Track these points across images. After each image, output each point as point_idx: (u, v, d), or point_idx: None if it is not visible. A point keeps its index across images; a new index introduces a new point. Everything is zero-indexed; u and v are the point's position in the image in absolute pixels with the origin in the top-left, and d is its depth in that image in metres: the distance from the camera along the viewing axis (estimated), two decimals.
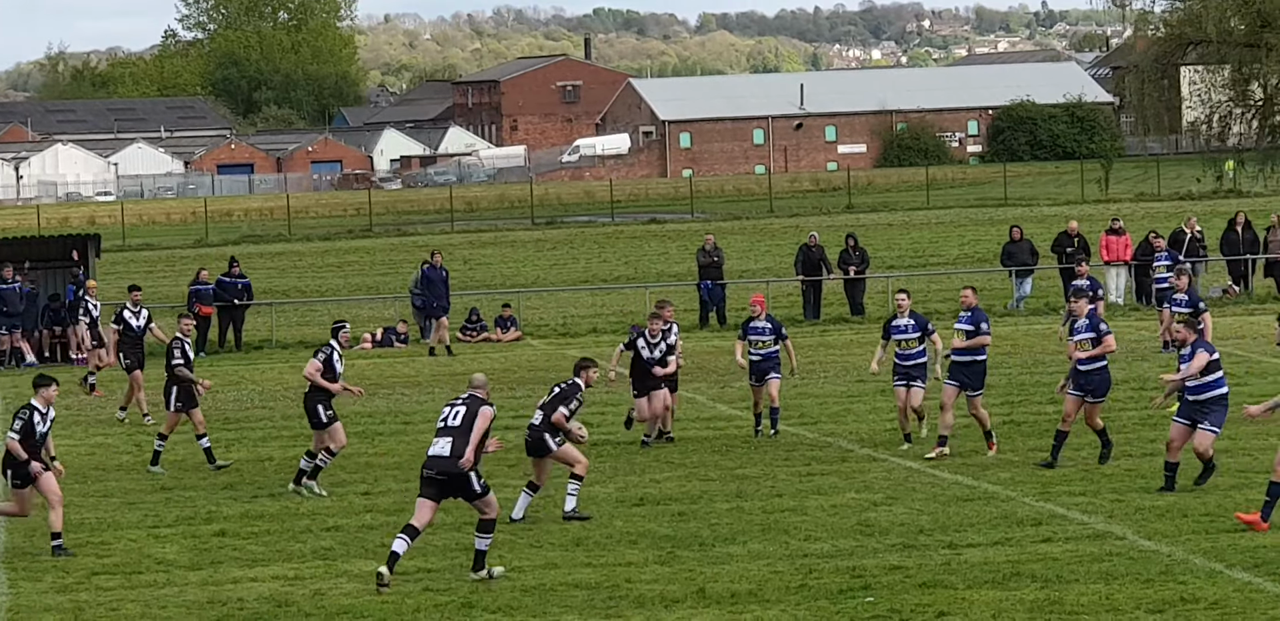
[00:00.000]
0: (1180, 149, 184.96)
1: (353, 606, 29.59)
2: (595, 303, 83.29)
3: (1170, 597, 28.25)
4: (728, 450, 43.62)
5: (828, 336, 67.81)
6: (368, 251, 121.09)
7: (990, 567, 30.68)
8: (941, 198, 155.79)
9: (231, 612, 29.02)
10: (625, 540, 33.71)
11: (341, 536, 34.68)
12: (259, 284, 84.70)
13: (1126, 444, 41.51)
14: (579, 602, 29.23)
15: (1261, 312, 71.50)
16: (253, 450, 46.69)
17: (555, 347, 68.50)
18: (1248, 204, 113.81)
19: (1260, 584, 29.18)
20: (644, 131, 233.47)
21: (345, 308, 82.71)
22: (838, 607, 28.49)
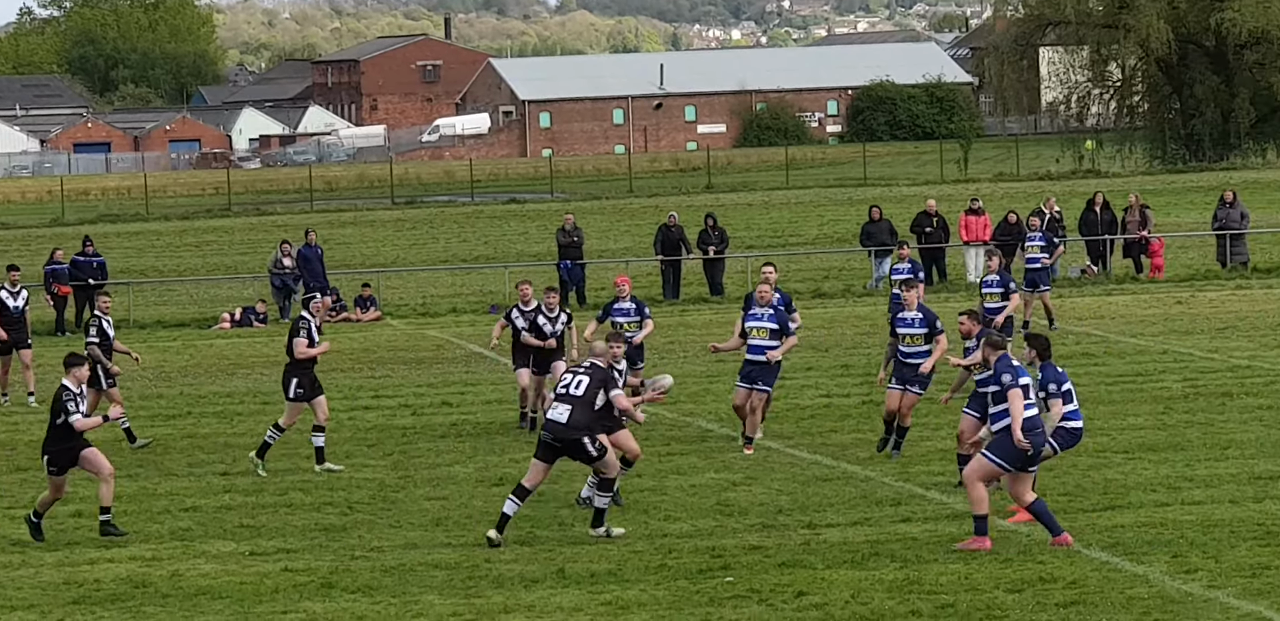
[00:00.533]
0: (1039, 129, 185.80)
1: (211, 586, 29.45)
2: (455, 282, 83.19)
3: (1029, 577, 28.38)
4: None
5: (687, 316, 67.93)
6: (226, 231, 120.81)
7: (849, 547, 30.77)
8: (801, 178, 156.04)
9: (88, 593, 28.80)
10: (485, 520, 33.56)
11: (199, 517, 34.54)
12: (116, 263, 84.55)
13: None
14: (439, 582, 29.19)
15: (1119, 293, 71.92)
16: (109, 430, 46.45)
17: (415, 327, 68.47)
18: (1106, 184, 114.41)
19: (1117, 563, 29.33)
20: (504, 111, 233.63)
21: (203, 287, 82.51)
22: (697, 587, 28.52)
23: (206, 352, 57.01)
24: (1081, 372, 44.03)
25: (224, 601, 28.91)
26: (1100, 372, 50.06)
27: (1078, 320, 61.86)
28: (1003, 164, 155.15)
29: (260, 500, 35.01)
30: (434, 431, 42.05)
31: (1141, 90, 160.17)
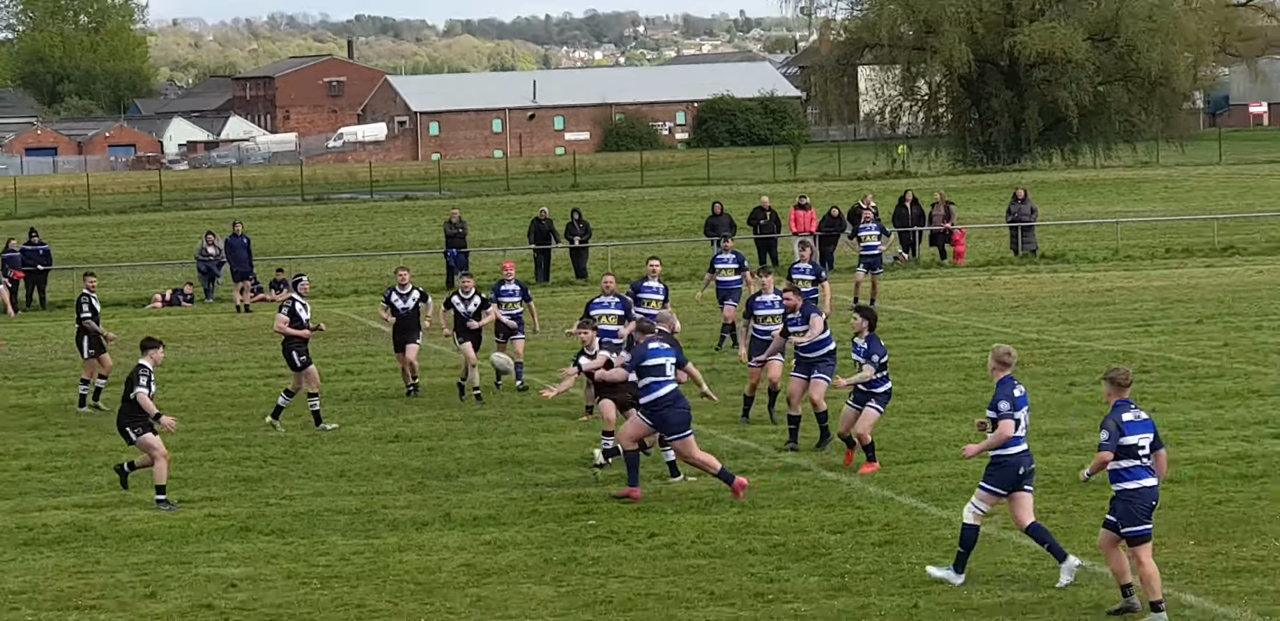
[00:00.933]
0: (858, 136, 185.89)
1: (144, 530, 29.40)
2: (356, 267, 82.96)
3: (849, 520, 28.45)
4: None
5: (556, 297, 67.69)
6: (158, 223, 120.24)
7: (694, 495, 30.80)
8: (654, 178, 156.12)
9: (37, 536, 28.77)
10: (381, 472, 33.67)
11: (136, 472, 34.38)
12: (62, 251, 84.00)
13: None
14: (342, 525, 29.19)
15: (927, 276, 72.04)
16: (56, 395, 46.23)
17: (322, 306, 68.06)
18: (915, 183, 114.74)
19: (926, 508, 29.45)
20: (399, 121, 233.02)
21: (138, 272, 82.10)
22: (564, 529, 28.55)
23: (140, 327, 56.53)
24: (895, 344, 43.97)
25: (155, 542, 28.80)
26: (911, 344, 50.17)
27: (891, 300, 61.97)
28: (826, 166, 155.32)
29: (187, 455, 34.84)
30: (338, 396, 41.93)
31: (945, 103, 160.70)
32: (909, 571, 25.57)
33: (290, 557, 27.59)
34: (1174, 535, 27.16)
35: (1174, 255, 76.08)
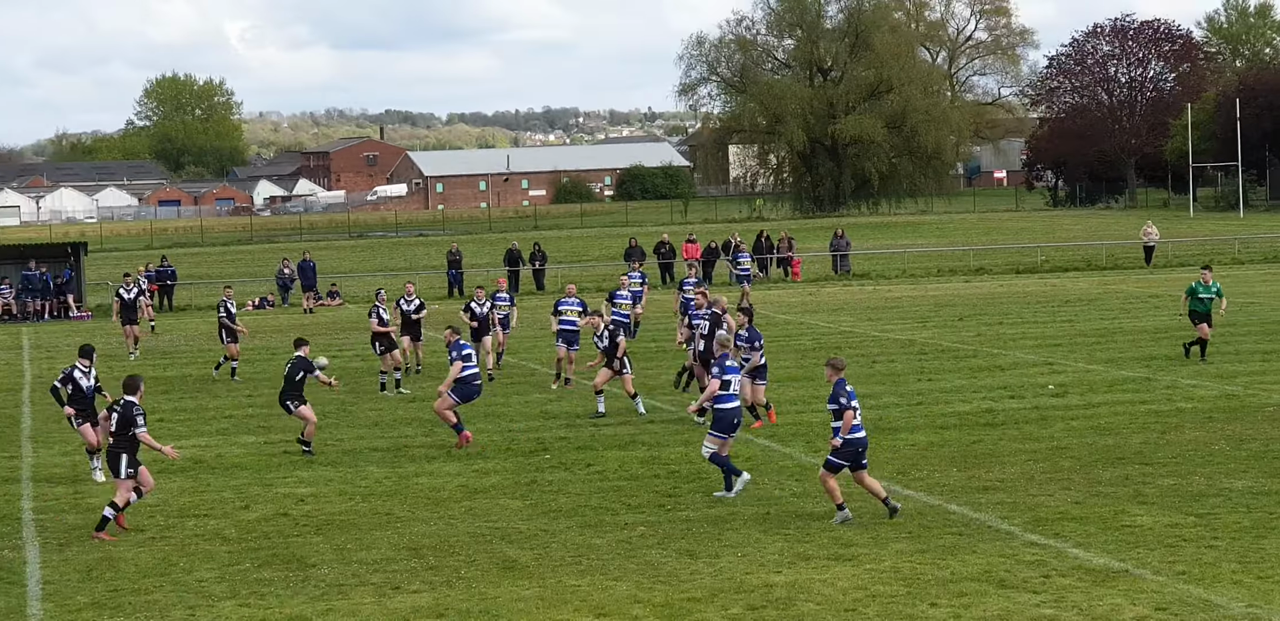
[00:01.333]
0: (728, 193, 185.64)
1: (239, 462, 29.38)
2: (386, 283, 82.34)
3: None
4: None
5: (522, 303, 67.44)
6: (249, 252, 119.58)
7: (618, 438, 30.75)
8: (590, 221, 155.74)
9: (166, 467, 28.20)
10: (403, 422, 33.39)
11: (234, 422, 34.04)
12: (184, 271, 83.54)
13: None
14: (376, 459, 29.04)
15: (776, 289, 72.01)
16: (180, 370, 45.79)
17: (363, 309, 67.77)
18: (767, 225, 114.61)
19: (775, 447, 29.44)
20: (415, 182, 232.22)
21: (237, 285, 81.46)
22: (529, 461, 28.49)
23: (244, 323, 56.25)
24: None
25: (248, 471, 28.69)
26: (765, 335, 50.08)
27: (752, 303, 61.83)
28: (707, 213, 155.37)
29: (271, 410, 34.66)
30: (375, 368, 41.67)
31: (788, 170, 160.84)
32: (764, 490, 25.63)
33: (341, 481, 27.53)
34: (943, 464, 27.32)
35: (943, 274, 76.23)
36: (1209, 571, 19.81)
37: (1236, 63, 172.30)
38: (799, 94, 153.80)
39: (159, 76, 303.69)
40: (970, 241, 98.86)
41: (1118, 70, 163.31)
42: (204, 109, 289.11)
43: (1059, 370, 38.88)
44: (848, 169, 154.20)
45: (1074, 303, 58.59)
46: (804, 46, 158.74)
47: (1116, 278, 71.02)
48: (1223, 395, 33.92)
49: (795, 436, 30.45)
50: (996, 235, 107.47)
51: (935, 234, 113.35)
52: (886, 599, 19.09)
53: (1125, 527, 22.27)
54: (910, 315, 56.07)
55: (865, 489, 23.47)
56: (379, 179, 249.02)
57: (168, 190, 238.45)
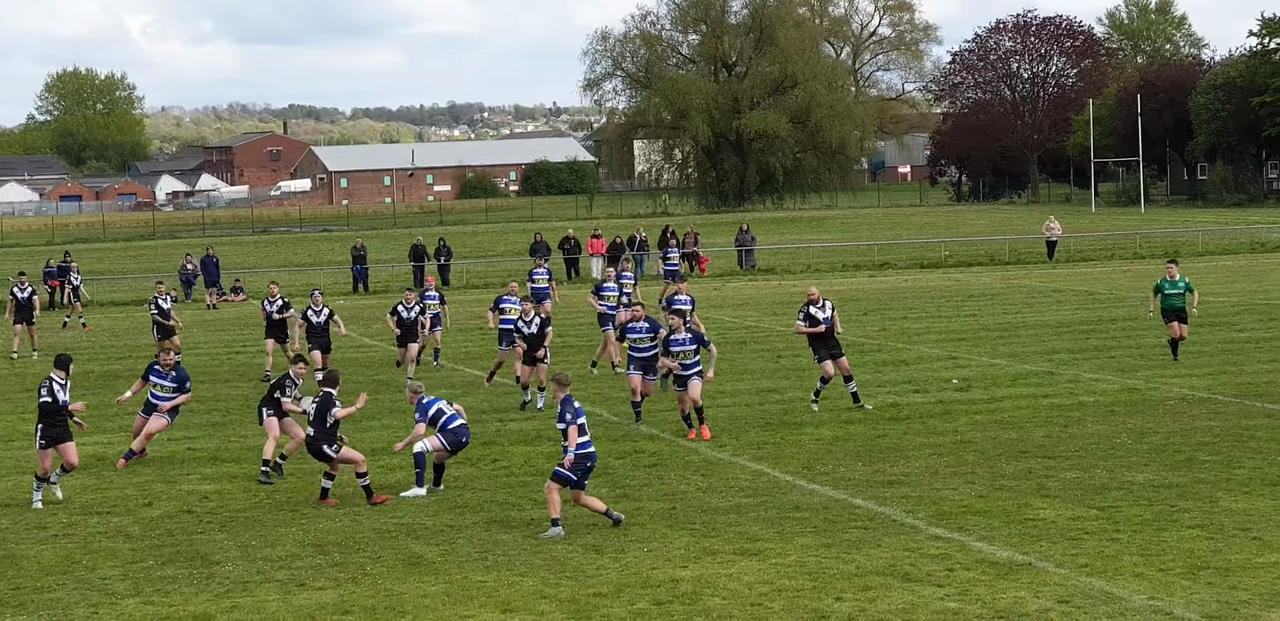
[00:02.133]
0: (634, 188, 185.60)
1: (142, 460, 29.13)
2: (291, 278, 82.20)
3: (628, 449, 28.50)
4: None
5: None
6: (152, 248, 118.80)
7: (523, 434, 30.61)
8: (495, 217, 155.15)
9: None
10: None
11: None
12: (86, 266, 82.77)
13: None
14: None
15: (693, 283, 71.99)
16: (82, 366, 45.46)
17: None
18: (673, 220, 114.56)
19: (680, 441, 29.50)
20: (319, 177, 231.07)
21: (138, 281, 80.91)
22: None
23: (143, 320, 55.77)
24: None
25: (151, 468, 28.35)
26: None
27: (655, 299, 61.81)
28: (612, 209, 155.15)
29: None
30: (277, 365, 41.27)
31: (693, 165, 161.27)
32: (669, 485, 25.68)
33: (245, 478, 27.38)
34: (847, 459, 27.45)
35: (848, 269, 76.56)
36: (1111, 564, 19.99)
37: (1138, 59, 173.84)
38: (703, 89, 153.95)
39: (60, 71, 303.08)
40: (874, 236, 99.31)
41: (1020, 66, 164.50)
42: (106, 103, 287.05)
43: (962, 364, 39.11)
44: (752, 164, 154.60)
45: (977, 297, 58.94)
46: (708, 42, 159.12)
47: (1019, 272, 71.46)
48: (1124, 389, 34.22)
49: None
50: (900, 230, 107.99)
51: (840, 229, 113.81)
52: (792, 593, 19.17)
53: (1028, 521, 22.43)
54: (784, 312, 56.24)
55: (586, 508, 23.02)
56: (283, 174, 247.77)
57: (69, 185, 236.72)
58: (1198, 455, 26.61)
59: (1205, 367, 36.93)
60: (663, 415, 32.06)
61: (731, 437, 29.77)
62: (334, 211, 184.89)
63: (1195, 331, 42.25)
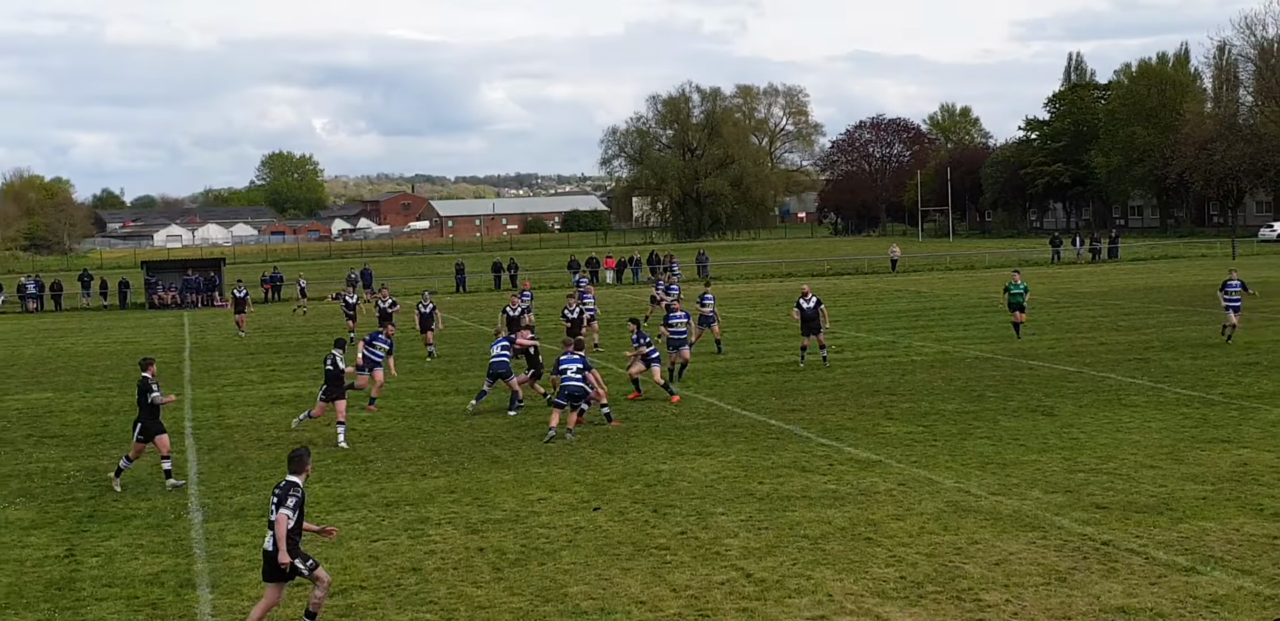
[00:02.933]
0: (635, 228, 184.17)
1: None
2: (417, 283, 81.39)
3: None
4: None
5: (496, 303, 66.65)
6: (330, 264, 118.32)
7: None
8: (545, 244, 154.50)
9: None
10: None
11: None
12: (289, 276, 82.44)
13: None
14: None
15: None
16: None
17: (404, 300, 66.93)
18: (657, 246, 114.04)
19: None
20: (434, 220, 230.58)
21: (323, 284, 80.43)
22: (509, 392, 28.17)
23: (330, 308, 55.14)
24: (620, 324, 43.02)
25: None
26: (658, 314, 49.55)
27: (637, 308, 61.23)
28: (619, 240, 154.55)
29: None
30: (410, 339, 40.92)
31: (670, 213, 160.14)
32: (654, 412, 25.55)
33: (387, 408, 27.02)
34: (766, 395, 27.14)
35: (766, 276, 76.03)
36: (931, 461, 19.99)
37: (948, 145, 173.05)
38: (675, 165, 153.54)
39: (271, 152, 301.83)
40: (782, 256, 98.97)
41: (874, 149, 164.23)
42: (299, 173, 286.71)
43: (839, 336, 38.93)
44: (707, 211, 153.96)
45: (848, 294, 58.68)
46: (679, 134, 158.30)
47: (874, 279, 71.27)
48: (939, 352, 34.16)
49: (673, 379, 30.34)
50: (799, 253, 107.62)
51: (761, 252, 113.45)
52: (732, 479, 19.17)
53: (880, 434, 22.42)
54: (745, 303, 56.06)
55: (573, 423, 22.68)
56: (411, 218, 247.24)
57: (276, 225, 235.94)
58: (986, 393, 26.58)
59: (989, 339, 36.86)
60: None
61: (694, 382, 29.71)
62: (444, 241, 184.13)
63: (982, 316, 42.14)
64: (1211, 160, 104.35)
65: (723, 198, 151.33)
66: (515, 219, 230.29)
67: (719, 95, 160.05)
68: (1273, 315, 40.21)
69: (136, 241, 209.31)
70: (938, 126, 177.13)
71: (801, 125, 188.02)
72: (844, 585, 13.77)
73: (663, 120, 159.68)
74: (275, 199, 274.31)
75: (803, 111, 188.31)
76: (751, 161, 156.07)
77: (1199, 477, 18.12)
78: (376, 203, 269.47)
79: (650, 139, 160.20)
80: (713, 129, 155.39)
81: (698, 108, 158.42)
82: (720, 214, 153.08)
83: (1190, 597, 12.98)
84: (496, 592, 13.98)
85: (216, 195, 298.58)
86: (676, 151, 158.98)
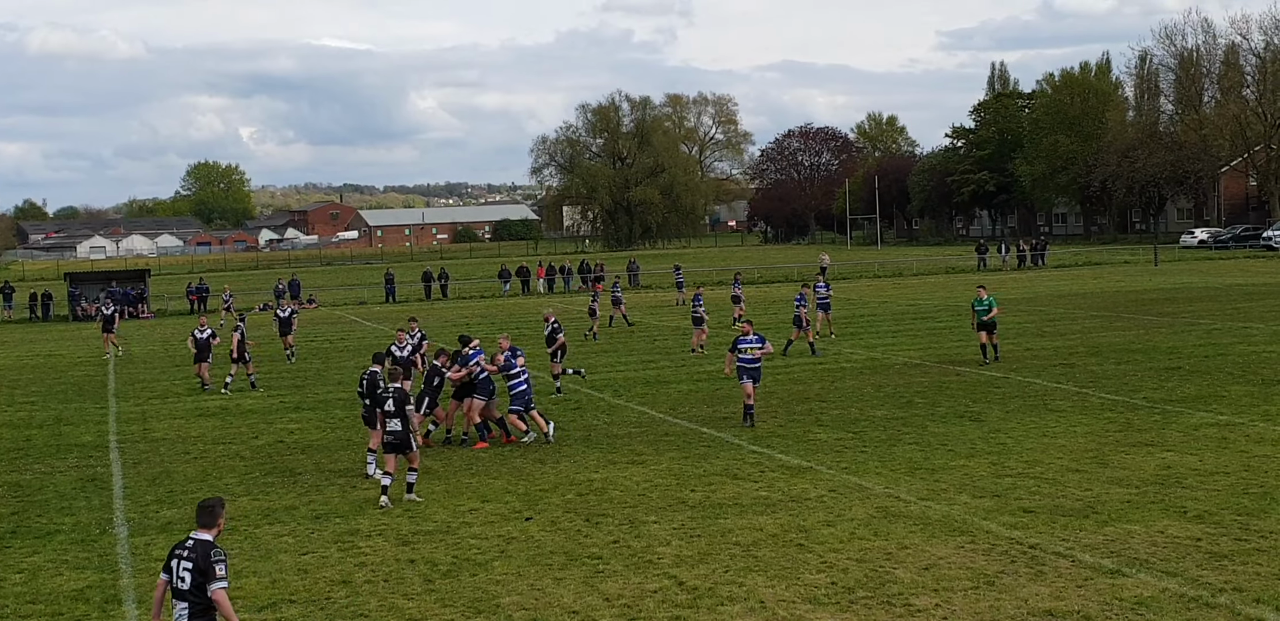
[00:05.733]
0: (564, 237, 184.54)
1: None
2: (346, 294, 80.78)
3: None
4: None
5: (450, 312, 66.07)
6: (257, 275, 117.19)
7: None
8: (476, 254, 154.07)
9: None
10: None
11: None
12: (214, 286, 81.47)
13: None
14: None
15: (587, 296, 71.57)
16: None
17: (329, 311, 66.45)
18: (588, 255, 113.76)
19: (594, 393, 29.31)
20: (363, 229, 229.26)
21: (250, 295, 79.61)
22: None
23: (261, 319, 54.34)
24: (538, 325, 42.92)
25: (257, 414, 27.90)
26: (563, 325, 49.48)
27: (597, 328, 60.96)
28: (550, 249, 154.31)
29: (282, 375, 33.64)
30: (338, 348, 40.60)
31: (600, 221, 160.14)
32: (586, 421, 25.50)
33: (318, 420, 26.88)
34: (698, 403, 27.17)
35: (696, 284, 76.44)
36: (861, 467, 20.10)
37: (876, 153, 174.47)
38: (606, 174, 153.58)
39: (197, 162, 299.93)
40: (713, 265, 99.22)
41: (803, 158, 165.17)
42: (226, 183, 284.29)
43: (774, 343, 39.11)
44: (637, 220, 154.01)
45: (777, 302, 58.94)
46: (609, 143, 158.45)
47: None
48: (868, 358, 34.39)
49: (606, 387, 30.33)
50: (730, 260, 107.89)
51: (692, 260, 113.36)
52: (664, 487, 19.17)
53: (810, 441, 22.51)
54: (677, 312, 56.22)
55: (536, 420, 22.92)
56: (339, 228, 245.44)
57: (202, 236, 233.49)
58: (915, 399, 26.77)
59: (917, 345, 37.17)
60: (579, 380, 31.89)
61: (625, 390, 29.70)
62: (373, 251, 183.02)
63: (911, 322, 42.42)
64: (1133, 168, 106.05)
65: (653, 206, 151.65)
66: (445, 228, 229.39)
67: (649, 104, 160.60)
68: (1193, 320, 40.86)
69: (60, 253, 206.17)
70: (865, 135, 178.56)
71: (731, 134, 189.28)
72: (776, 591, 13.81)
73: (593, 129, 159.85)
74: (201, 209, 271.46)
75: (732, 120, 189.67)
76: (682, 170, 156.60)
77: (1124, 481, 18.36)
78: (304, 212, 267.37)
79: (580, 148, 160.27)
80: (643, 138, 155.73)
81: (628, 117, 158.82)
82: (651, 222, 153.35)
83: (1116, 599, 13.14)
84: (428, 604, 13.89)
85: (141, 206, 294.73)
86: (607, 160, 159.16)
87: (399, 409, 18.54)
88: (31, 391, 34.10)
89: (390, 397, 18.69)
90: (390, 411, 18.57)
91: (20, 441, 25.66)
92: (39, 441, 25.48)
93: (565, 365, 30.00)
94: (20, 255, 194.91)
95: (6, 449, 24.80)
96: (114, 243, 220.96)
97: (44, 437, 26.02)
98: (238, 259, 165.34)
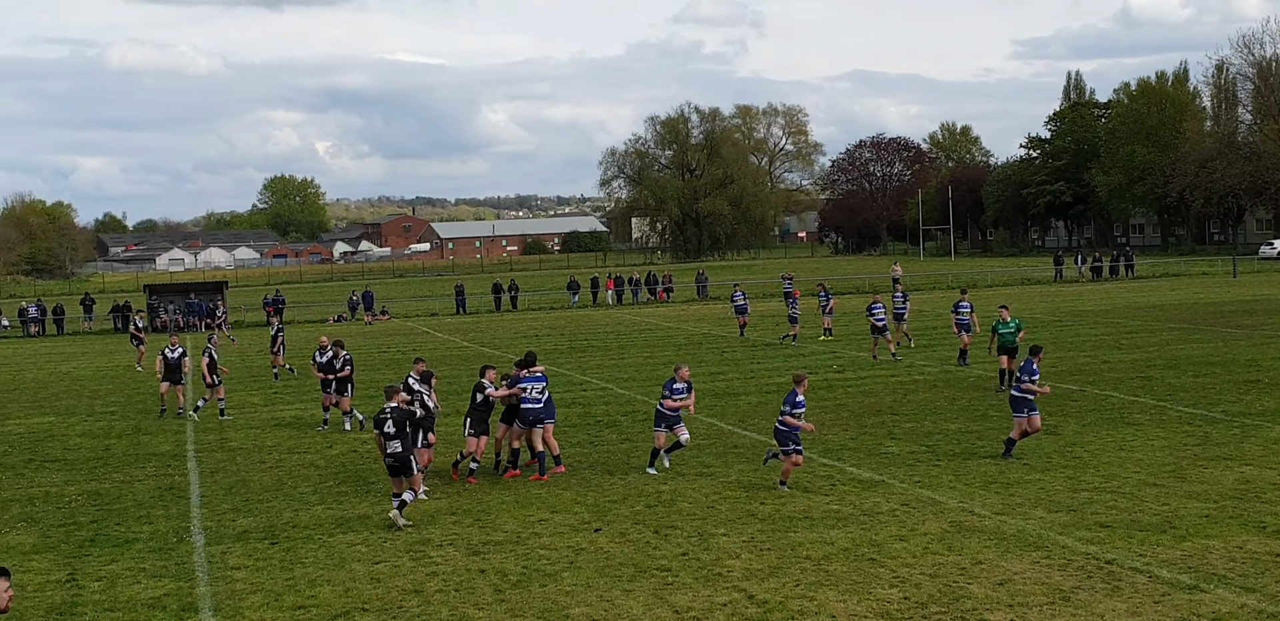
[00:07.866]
0: (634, 248, 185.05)
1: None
2: (419, 305, 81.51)
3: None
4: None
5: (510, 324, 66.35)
6: (332, 287, 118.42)
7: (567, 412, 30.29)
8: (546, 266, 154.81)
9: None
10: None
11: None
12: (290, 298, 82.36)
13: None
14: None
15: (663, 307, 71.53)
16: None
17: (403, 323, 67.01)
18: (656, 267, 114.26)
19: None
20: (435, 242, 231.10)
21: (320, 307, 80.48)
22: None
23: (326, 335, 55.08)
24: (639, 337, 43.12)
25: (332, 426, 28.20)
26: (652, 338, 49.53)
27: (646, 317, 60.98)
28: (619, 260, 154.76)
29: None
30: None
31: (669, 233, 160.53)
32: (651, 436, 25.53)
33: None
34: (767, 416, 27.03)
35: (766, 297, 76.19)
36: (934, 481, 19.96)
37: (949, 163, 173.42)
38: (674, 185, 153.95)
39: (273, 176, 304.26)
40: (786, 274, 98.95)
41: (875, 168, 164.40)
42: (301, 197, 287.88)
43: (840, 356, 39.04)
44: (706, 232, 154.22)
45: (849, 313, 58.60)
46: (678, 155, 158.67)
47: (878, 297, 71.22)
48: (943, 371, 34.18)
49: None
50: (800, 272, 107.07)
51: (761, 272, 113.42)
52: (733, 500, 19.13)
53: (882, 454, 22.39)
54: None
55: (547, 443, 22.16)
56: (412, 240, 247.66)
57: (278, 248, 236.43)
58: (989, 412, 26.56)
59: (994, 359, 36.85)
60: (635, 382, 31.92)
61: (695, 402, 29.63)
62: (444, 263, 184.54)
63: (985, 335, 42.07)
64: (1211, 178, 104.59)
65: (722, 217, 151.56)
66: (515, 240, 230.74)
67: (718, 115, 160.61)
68: (1272, 333, 40.21)
69: (139, 265, 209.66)
70: (938, 145, 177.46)
71: (801, 145, 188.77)
72: (847, 606, 13.73)
73: (661, 141, 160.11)
74: (277, 222, 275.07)
75: (802, 131, 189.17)
76: (751, 181, 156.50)
77: (1202, 495, 18.09)
78: (378, 225, 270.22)
79: (649, 160, 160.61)
80: (712, 149, 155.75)
81: (697, 128, 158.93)
82: (719, 234, 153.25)
83: (1194, 616, 12.94)
84: (498, 614, 13.95)
85: (219, 219, 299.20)
86: (675, 172, 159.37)
87: (399, 430, 17.69)
88: (111, 401, 34.67)
89: (389, 418, 17.79)
90: (389, 433, 17.69)
91: (100, 451, 26.10)
92: (118, 451, 25.90)
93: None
94: (100, 267, 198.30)
95: (86, 458, 25.23)
96: (192, 255, 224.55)
97: (123, 447, 26.45)
98: (313, 271, 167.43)
